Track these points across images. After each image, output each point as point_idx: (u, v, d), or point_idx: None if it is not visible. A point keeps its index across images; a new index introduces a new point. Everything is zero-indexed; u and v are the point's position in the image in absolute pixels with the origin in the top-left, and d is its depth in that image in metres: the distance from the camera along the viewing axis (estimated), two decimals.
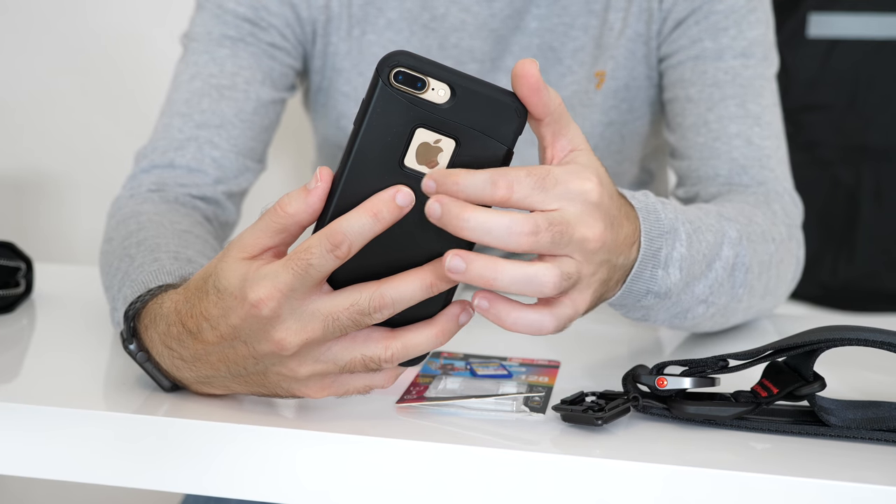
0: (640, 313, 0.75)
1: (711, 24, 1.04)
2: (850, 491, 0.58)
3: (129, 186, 1.01)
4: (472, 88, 0.59)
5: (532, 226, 0.58)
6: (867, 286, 1.73)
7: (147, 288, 0.72)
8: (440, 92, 0.58)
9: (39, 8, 1.81)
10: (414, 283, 0.60)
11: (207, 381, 0.67)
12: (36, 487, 1.85)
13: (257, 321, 0.61)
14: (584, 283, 0.62)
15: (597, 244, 0.61)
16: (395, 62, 0.58)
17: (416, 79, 0.58)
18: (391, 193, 0.58)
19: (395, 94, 0.58)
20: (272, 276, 0.59)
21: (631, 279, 0.68)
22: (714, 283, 0.77)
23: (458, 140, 0.59)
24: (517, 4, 1.08)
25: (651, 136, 1.16)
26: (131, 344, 0.69)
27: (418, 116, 0.59)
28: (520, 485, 0.61)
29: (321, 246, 0.58)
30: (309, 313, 0.60)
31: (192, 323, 0.64)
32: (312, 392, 0.64)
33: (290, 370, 0.63)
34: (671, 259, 0.70)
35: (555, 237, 0.59)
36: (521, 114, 0.60)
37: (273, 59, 1.07)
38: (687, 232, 0.72)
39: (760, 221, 0.88)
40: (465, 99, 0.59)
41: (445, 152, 0.59)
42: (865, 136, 1.70)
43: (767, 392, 0.66)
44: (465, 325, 0.63)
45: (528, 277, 0.59)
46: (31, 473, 0.68)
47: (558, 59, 1.09)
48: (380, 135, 0.59)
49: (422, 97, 0.58)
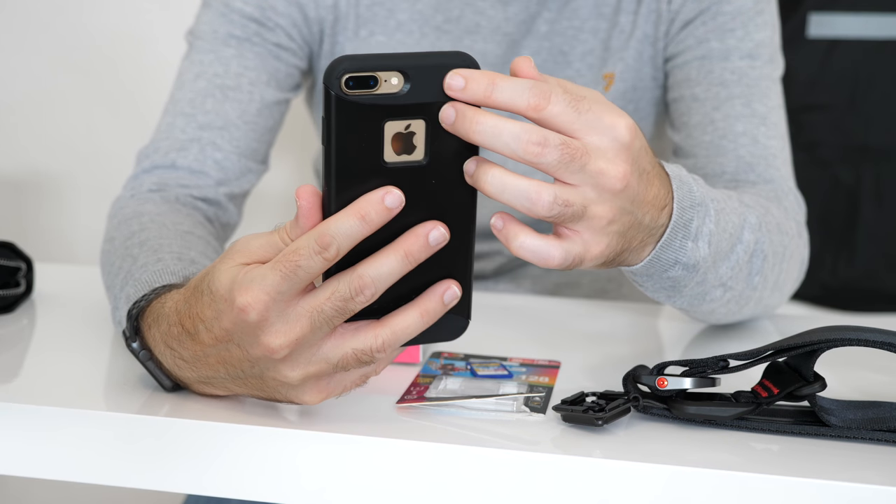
0: (665, 288, 0.74)
1: (719, 24, 1.04)
2: (849, 491, 0.58)
3: (129, 186, 1.01)
4: (422, 64, 0.58)
5: (540, 137, 0.57)
6: (867, 286, 1.73)
7: (151, 287, 0.72)
8: (393, 80, 0.58)
9: (38, 7, 1.81)
10: (389, 256, 0.59)
11: (208, 381, 0.67)
12: (36, 487, 1.85)
13: (246, 325, 0.61)
14: (597, 224, 0.61)
15: (618, 183, 0.60)
16: (341, 70, 0.57)
17: (367, 78, 0.57)
18: (380, 195, 0.58)
19: (351, 100, 0.57)
20: (260, 280, 0.59)
21: (661, 247, 0.68)
22: (735, 266, 0.77)
23: (426, 118, 0.59)
24: (532, 9, 1.08)
25: (655, 139, 1.16)
26: (134, 342, 0.69)
27: (381, 112, 0.58)
28: (520, 485, 0.61)
29: (309, 247, 0.58)
30: (295, 314, 0.60)
31: (189, 324, 0.65)
32: (309, 397, 0.64)
33: (283, 376, 0.62)
34: (701, 232, 0.70)
35: (563, 158, 0.58)
36: (474, 67, 0.59)
37: (279, 60, 1.07)
38: (716, 209, 0.72)
39: (776, 213, 0.88)
40: (419, 77, 0.58)
41: (419, 134, 0.59)
42: (865, 136, 1.70)
43: (768, 392, 0.66)
44: (451, 305, 0.61)
45: (522, 188, 0.59)
46: (31, 473, 0.68)
47: (568, 63, 1.10)
48: (352, 145, 0.58)
49: (378, 93, 0.58)
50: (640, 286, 0.75)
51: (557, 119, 0.58)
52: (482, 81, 0.58)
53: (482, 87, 0.58)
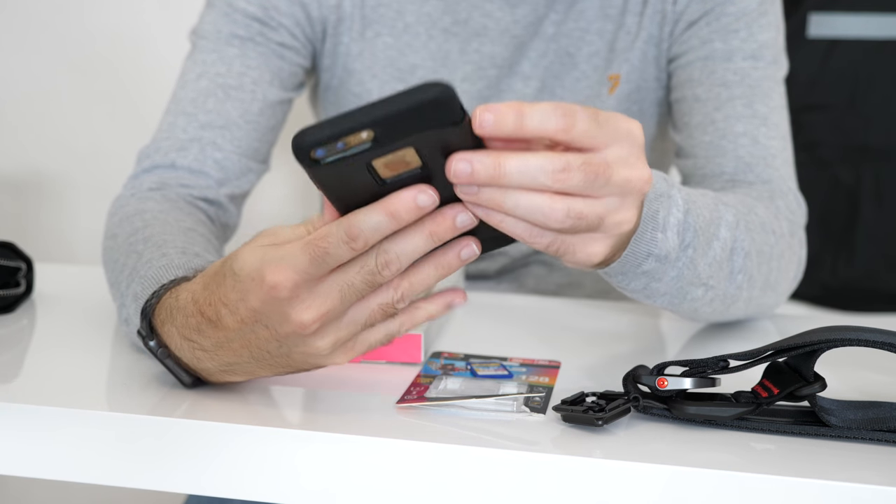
0: (641, 283, 0.74)
1: (722, 25, 1.04)
2: (849, 491, 0.58)
3: (130, 185, 1.01)
4: (388, 113, 0.55)
5: (563, 163, 0.57)
6: (867, 286, 1.73)
7: (160, 283, 0.72)
8: (363, 135, 0.56)
9: (37, 8, 1.81)
10: (416, 235, 0.60)
11: (230, 368, 0.67)
12: (36, 487, 1.85)
13: (277, 303, 0.61)
14: (615, 230, 0.62)
15: (646, 185, 0.61)
16: (306, 146, 0.56)
17: (334, 143, 0.56)
18: (412, 194, 0.58)
19: (327, 166, 0.57)
20: (290, 259, 0.60)
21: (634, 241, 0.68)
22: (713, 263, 0.77)
23: (412, 145, 0.57)
24: (539, 11, 1.08)
25: (658, 139, 1.16)
26: (151, 341, 0.69)
27: (363, 161, 0.57)
28: (520, 485, 0.61)
29: (338, 236, 0.59)
30: (325, 288, 0.61)
31: (210, 311, 0.65)
32: (338, 360, 0.65)
33: (314, 348, 0.63)
34: (668, 223, 0.70)
35: (588, 177, 0.58)
36: (445, 92, 0.55)
37: (282, 59, 1.07)
38: (684, 199, 0.72)
39: (761, 213, 0.88)
40: (389, 125, 0.56)
41: (410, 154, 0.57)
42: (865, 136, 1.70)
43: (768, 392, 0.66)
44: (468, 260, 0.62)
45: (536, 203, 0.58)
46: (31, 473, 0.68)
47: (574, 65, 1.10)
48: (346, 190, 0.58)
49: (351, 152, 0.56)
50: (617, 285, 0.75)
51: (584, 136, 0.58)
52: (510, 114, 0.56)
53: (511, 120, 0.56)
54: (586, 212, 0.60)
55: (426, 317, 0.66)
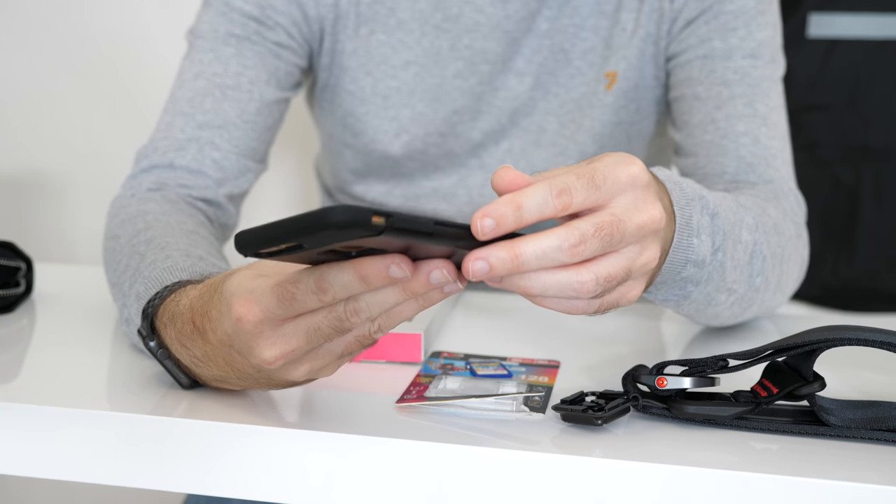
0: (675, 293, 0.74)
1: (721, 24, 1.05)
2: (849, 491, 0.58)
3: (128, 186, 1.01)
4: (305, 226, 0.52)
5: (577, 236, 0.57)
6: (867, 286, 1.73)
7: (163, 284, 0.72)
8: (292, 245, 0.54)
9: (38, 8, 1.81)
10: (387, 288, 0.58)
11: (221, 380, 0.68)
12: (36, 487, 1.85)
13: (243, 335, 0.61)
14: (643, 269, 0.62)
15: (660, 224, 0.61)
16: (247, 248, 0.54)
17: (268, 248, 0.54)
18: (385, 263, 0.56)
19: (278, 257, 0.55)
20: (259, 295, 0.59)
21: (673, 249, 0.68)
22: (737, 266, 0.77)
23: (356, 249, 0.55)
24: (531, 6, 1.08)
25: (656, 137, 1.16)
26: (152, 341, 0.69)
27: (311, 252, 0.55)
28: (520, 485, 0.61)
29: (308, 285, 0.58)
30: (291, 329, 0.60)
31: (200, 321, 0.65)
32: (322, 377, 0.65)
33: (290, 377, 0.63)
34: (701, 226, 0.70)
35: (604, 240, 0.58)
36: (346, 216, 0.51)
37: (279, 59, 1.07)
38: (714, 202, 0.73)
39: (773, 214, 0.88)
40: (311, 238, 0.52)
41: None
42: (865, 136, 1.70)
43: (767, 392, 0.66)
44: (451, 294, 0.59)
45: (563, 280, 0.58)
46: (31, 473, 0.68)
47: (568, 61, 1.10)
48: (315, 263, 0.58)
49: (289, 255, 0.55)
50: (654, 297, 0.75)
51: (584, 205, 0.58)
52: (508, 212, 0.56)
53: (511, 217, 0.56)
54: (612, 271, 0.59)
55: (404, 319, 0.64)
